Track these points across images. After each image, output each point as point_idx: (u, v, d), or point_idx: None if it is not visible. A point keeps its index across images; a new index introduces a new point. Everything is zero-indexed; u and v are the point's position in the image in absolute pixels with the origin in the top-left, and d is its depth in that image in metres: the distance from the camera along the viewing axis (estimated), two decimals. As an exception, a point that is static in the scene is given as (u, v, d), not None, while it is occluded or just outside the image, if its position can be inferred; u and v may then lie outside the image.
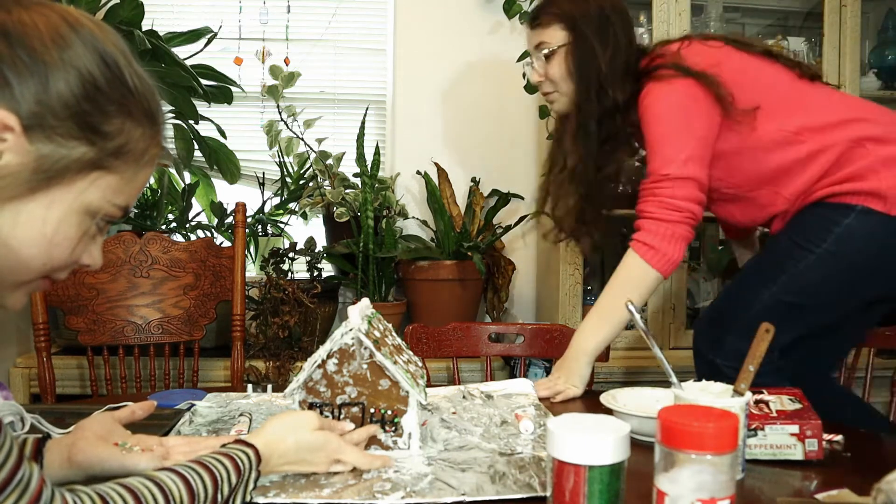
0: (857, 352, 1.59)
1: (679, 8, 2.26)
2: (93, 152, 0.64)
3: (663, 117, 1.34)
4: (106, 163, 0.66)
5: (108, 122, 0.65)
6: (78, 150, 0.63)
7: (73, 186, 0.65)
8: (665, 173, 1.31)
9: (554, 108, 1.57)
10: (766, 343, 0.99)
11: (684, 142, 1.32)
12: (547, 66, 1.50)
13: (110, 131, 0.65)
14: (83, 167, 0.64)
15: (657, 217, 1.31)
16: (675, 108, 1.34)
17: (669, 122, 1.33)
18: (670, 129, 1.33)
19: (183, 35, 2.20)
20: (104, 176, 0.66)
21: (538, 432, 1.07)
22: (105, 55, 0.65)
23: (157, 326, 1.68)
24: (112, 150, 0.66)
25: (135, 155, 0.68)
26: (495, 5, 2.44)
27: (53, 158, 0.62)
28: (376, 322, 1.05)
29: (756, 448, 0.96)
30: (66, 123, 0.62)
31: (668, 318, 2.30)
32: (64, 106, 0.62)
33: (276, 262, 2.09)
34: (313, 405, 0.98)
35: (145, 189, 2.35)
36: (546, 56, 1.50)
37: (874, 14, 2.63)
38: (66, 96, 0.62)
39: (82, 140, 0.64)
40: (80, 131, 0.63)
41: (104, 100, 0.64)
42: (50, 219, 0.64)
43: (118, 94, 0.65)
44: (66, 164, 0.63)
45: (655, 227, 1.31)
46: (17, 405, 0.99)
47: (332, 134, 2.41)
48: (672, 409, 0.67)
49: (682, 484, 0.63)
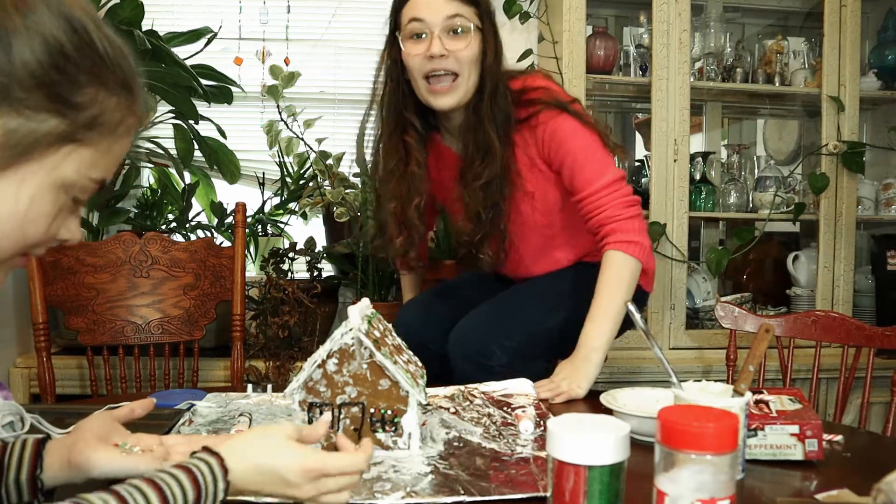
0: (857, 352, 1.59)
1: (679, 8, 2.26)
2: (64, 125, 0.61)
3: (580, 139, 1.40)
4: (79, 135, 0.62)
5: (80, 92, 0.62)
6: (48, 122, 0.60)
7: (45, 161, 0.62)
8: (609, 180, 1.39)
9: (447, 97, 1.39)
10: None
11: (604, 153, 1.41)
12: (455, 43, 1.37)
13: (82, 102, 0.62)
14: (55, 141, 0.61)
15: (624, 217, 1.38)
16: (585, 132, 1.41)
17: (588, 143, 1.40)
18: (592, 146, 1.40)
19: (183, 35, 2.20)
20: (78, 149, 0.63)
21: (538, 432, 1.07)
22: (72, 20, 0.61)
23: (157, 326, 1.68)
24: (85, 122, 0.62)
25: (110, 126, 0.64)
26: (495, 5, 2.43)
27: (22, 132, 0.59)
28: (376, 322, 1.05)
29: (756, 448, 0.96)
30: (34, 95, 0.59)
31: (668, 318, 2.30)
32: (30, 75, 0.59)
33: (276, 262, 2.09)
34: (313, 405, 0.98)
35: (145, 189, 2.35)
36: (456, 31, 1.37)
37: (874, 14, 2.63)
38: (31, 65, 0.59)
39: (52, 112, 0.60)
40: (49, 103, 0.60)
41: (73, 69, 0.61)
42: (22, 196, 0.62)
43: (89, 62, 0.62)
44: (36, 137, 0.60)
45: (628, 225, 1.37)
46: (17, 405, 0.99)
47: (332, 134, 2.41)
48: (672, 409, 0.67)
49: (682, 484, 0.63)
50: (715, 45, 2.46)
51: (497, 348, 1.41)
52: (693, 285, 2.46)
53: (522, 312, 1.47)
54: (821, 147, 2.36)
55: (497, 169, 1.40)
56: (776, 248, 2.71)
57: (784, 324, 1.66)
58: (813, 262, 2.44)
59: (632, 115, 2.82)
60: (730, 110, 2.83)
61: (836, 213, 2.36)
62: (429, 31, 1.37)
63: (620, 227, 1.37)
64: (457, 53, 1.37)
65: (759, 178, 2.50)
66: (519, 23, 2.37)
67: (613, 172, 1.40)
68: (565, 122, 1.40)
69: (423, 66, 1.38)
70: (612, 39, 2.41)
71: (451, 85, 1.39)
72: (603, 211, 1.38)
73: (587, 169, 1.39)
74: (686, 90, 2.28)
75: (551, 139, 1.41)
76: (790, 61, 2.51)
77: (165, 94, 2.04)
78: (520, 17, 2.34)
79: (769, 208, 2.38)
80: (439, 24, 1.37)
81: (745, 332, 1.70)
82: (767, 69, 2.49)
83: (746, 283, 2.71)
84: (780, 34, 2.52)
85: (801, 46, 2.52)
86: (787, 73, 2.50)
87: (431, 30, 1.37)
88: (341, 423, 0.98)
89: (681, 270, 2.31)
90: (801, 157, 2.52)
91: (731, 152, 2.70)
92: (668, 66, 2.27)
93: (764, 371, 1.71)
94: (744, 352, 1.14)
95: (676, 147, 2.28)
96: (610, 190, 1.38)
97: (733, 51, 2.48)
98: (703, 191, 2.41)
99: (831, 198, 2.36)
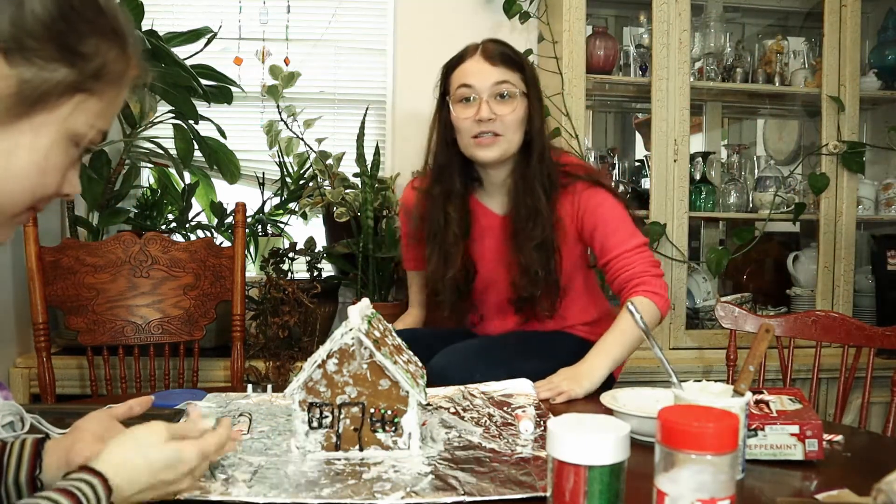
0: (857, 352, 1.59)
1: (679, 8, 2.26)
2: (74, 74, 0.64)
3: (615, 209, 1.53)
4: (88, 85, 0.65)
5: (84, 42, 0.64)
6: (59, 72, 0.63)
7: (57, 112, 0.64)
8: (639, 243, 1.51)
9: (491, 150, 1.50)
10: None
11: (631, 221, 1.55)
12: (502, 107, 1.49)
13: (88, 52, 0.64)
14: (66, 90, 0.64)
15: (651, 273, 1.48)
16: (616, 203, 1.54)
17: (619, 212, 1.54)
18: (622, 215, 1.54)
19: (183, 35, 2.19)
20: (87, 99, 0.65)
21: (538, 432, 1.07)
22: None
23: (157, 326, 1.68)
24: (92, 72, 0.65)
25: (113, 76, 0.67)
26: (495, 5, 2.44)
27: (36, 82, 0.61)
28: (376, 322, 1.05)
29: (756, 448, 0.96)
30: (45, 45, 0.61)
31: (668, 318, 2.30)
32: (42, 27, 0.61)
33: (276, 262, 2.09)
34: (313, 405, 0.98)
35: (145, 189, 2.35)
36: (503, 96, 1.49)
37: (874, 14, 2.63)
38: (42, 16, 0.61)
39: (63, 62, 0.63)
40: (59, 53, 0.62)
41: (78, 19, 0.63)
42: (39, 146, 0.64)
43: (90, 12, 0.64)
44: (49, 87, 0.62)
45: (656, 281, 1.48)
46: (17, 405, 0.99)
47: (332, 134, 2.41)
48: (672, 409, 0.67)
49: (682, 484, 0.63)
50: (715, 45, 2.46)
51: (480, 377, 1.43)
52: (693, 285, 2.46)
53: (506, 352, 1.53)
54: (821, 147, 2.36)
55: (548, 230, 1.51)
56: (776, 248, 2.71)
57: (784, 324, 1.66)
58: (813, 262, 2.44)
59: (632, 115, 2.82)
60: (730, 110, 2.83)
61: (836, 213, 2.36)
62: (477, 96, 1.49)
63: (649, 282, 1.46)
64: (503, 118, 1.48)
65: (759, 178, 2.50)
66: (519, 23, 2.38)
67: (641, 238, 1.52)
68: (599, 193, 1.54)
69: (471, 128, 1.50)
70: (612, 39, 2.41)
71: (494, 139, 1.49)
72: (633, 268, 1.48)
73: (619, 232, 1.51)
74: (686, 90, 2.28)
75: (587, 204, 1.53)
76: (790, 61, 2.51)
77: (165, 94, 2.04)
78: (520, 17, 2.34)
79: (769, 208, 2.38)
80: (487, 89, 1.48)
81: (745, 332, 1.70)
82: (767, 69, 2.49)
83: (746, 283, 2.72)
84: (780, 34, 2.52)
85: (801, 46, 2.52)
86: (787, 73, 2.50)
87: (480, 95, 1.49)
88: (341, 423, 0.98)
89: (681, 270, 2.31)
90: (801, 157, 2.51)
91: (731, 152, 2.70)
92: (668, 66, 2.27)
93: (764, 371, 1.71)
94: (744, 352, 1.14)
95: (676, 147, 2.28)
96: (639, 251, 1.49)
97: (733, 51, 2.48)
98: (703, 191, 2.41)
99: (831, 198, 2.36)
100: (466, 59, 1.53)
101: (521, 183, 1.53)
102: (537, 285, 1.54)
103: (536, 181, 1.51)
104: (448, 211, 1.57)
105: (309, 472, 0.91)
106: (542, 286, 1.54)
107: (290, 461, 0.95)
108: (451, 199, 1.58)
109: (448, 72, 1.56)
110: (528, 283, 1.54)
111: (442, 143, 1.57)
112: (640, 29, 2.44)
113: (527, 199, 1.51)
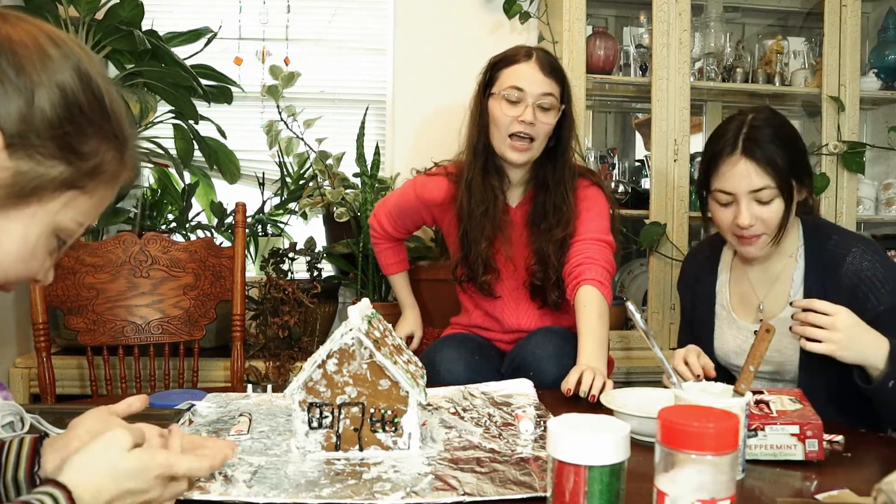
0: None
1: (679, 8, 2.26)
2: (69, 171, 0.66)
3: (602, 207, 1.67)
4: (81, 182, 0.67)
5: (87, 143, 0.66)
6: (56, 169, 0.65)
7: (49, 205, 0.66)
8: (606, 239, 1.62)
9: (524, 155, 1.61)
10: (767, 343, 0.99)
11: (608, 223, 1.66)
12: (543, 116, 1.59)
13: (87, 152, 0.66)
14: (58, 186, 0.66)
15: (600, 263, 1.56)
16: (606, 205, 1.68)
17: (605, 211, 1.67)
18: (606, 214, 1.67)
19: (183, 35, 2.20)
20: (79, 196, 0.67)
21: (538, 432, 1.07)
22: (88, 77, 0.66)
23: (157, 326, 1.68)
24: (88, 171, 0.67)
25: (107, 176, 0.69)
26: (495, 5, 2.44)
27: (31, 175, 0.63)
28: (376, 322, 1.05)
29: (756, 448, 0.96)
30: (47, 143, 0.63)
31: (668, 318, 2.30)
32: (49, 126, 0.63)
33: (276, 262, 2.09)
34: (313, 405, 0.98)
35: (145, 189, 2.35)
36: (546, 107, 1.59)
37: (874, 14, 2.63)
38: (50, 117, 0.63)
39: (62, 160, 0.65)
40: (60, 152, 0.64)
41: (85, 121, 0.65)
42: (26, 235, 0.66)
43: (98, 116, 0.66)
44: (43, 182, 0.64)
45: (602, 271, 1.56)
46: (16, 405, 0.99)
47: (332, 134, 2.41)
48: (672, 409, 0.66)
49: (682, 484, 0.63)
50: (715, 45, 2.46)
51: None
52: (693, 285, 2.45)
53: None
54: (821, 147, 2.36)
55: (570, 228, 1.62)
56: (776, 248, 2.70)
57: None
58: (813, 262, 2.43)
59: (632, 115, 2.82)
60: (730, 110, 2.83)
61: (836, 213, 2.36)
62: (524, 100, 1.58)
63: (594, 270, 1.55)
64: (541, 126, 1.60)
65: (759, 178, 2.50)
66: (519, 23, 2.38)
67: (610, 238, 1.64)
68: (596, 190, 1.69)
69: (511, 126, 1.59)
70: (612, 39, 2.41)
71: (529, 145, 1.61)
72: (586, 253, 1.58)
73: (594, 223, 1.63)
74: (686, 90, 2.28)
75: (584, 194, 1.67)
76: (790, 61, 2.51)
77: (165, 94, 2.04)
78: (520, 17, 2.34)
79: (769, 208, 2.38)
80: (535, 96, 1.58)
81: (745, 332, 1.70)
82: (767, 69, 2.49)
83: (746, 283, 2.71)
84: (780, 34, 2.52)
85: (801, 46, 2.51)
86: (787, 73, 2.49)
87: (527, 100, 1.58)
88: (341, 423, 0.98)
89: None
90: (802, 157, 2.51)
91: (732, 152, 2.69)
92: (668, 66, 2.27)
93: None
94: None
95: (676, 147, 2.28)
96: (602, 244, 1.60)
97: (733, 51, 2.47)
98: (704, 191, 2.40)
99: (831, 198, 2.36)
100: (520, 62, 1.60)
101: (548, 182, 1.65)
102: (552, 270, 1.63)
103: (563, 183, 1.64)
104: (492, 184, 1.66)
105: (309, 472, 0.91)
106: (555, 274, 1.63)
107: (290, 461, 0.95)
108: (492, 177, 1.66)
109: (497, 66, 1.64)
110: (542, 271, 1.64)
111: (481, 132, 1.65)
112: (640, 29, 2.44)
113: (549, 197, 1.64)
